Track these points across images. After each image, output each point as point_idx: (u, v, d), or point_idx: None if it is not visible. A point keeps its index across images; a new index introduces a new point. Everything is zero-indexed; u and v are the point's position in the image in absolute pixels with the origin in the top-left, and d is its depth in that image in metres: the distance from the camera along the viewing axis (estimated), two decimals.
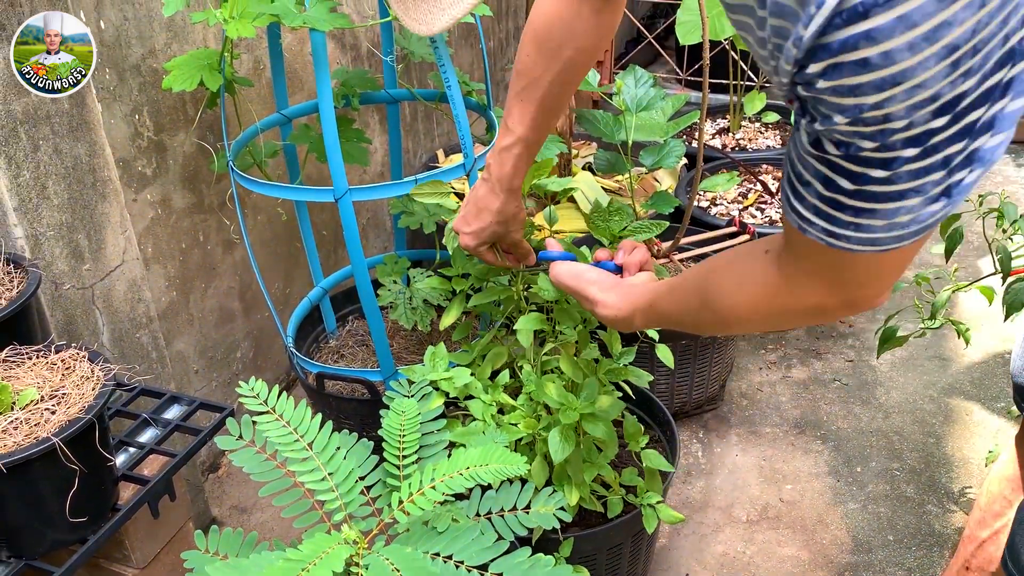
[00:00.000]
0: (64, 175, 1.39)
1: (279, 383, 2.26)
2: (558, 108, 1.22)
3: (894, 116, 0.60)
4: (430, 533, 1.04)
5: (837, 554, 1.78)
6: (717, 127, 3.07)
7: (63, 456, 1.03)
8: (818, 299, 0.82)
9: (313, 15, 1.38)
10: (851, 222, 0.70)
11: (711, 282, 0.93)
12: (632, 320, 1.08)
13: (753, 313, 0.89)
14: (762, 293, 0.86)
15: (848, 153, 0.65)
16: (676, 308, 1.01)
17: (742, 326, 0.94)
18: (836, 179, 0.68)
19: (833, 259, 0.76)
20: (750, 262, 0.89)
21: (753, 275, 0.88)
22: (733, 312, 0.90)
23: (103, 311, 1.51)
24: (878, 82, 0.58)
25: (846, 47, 0.58)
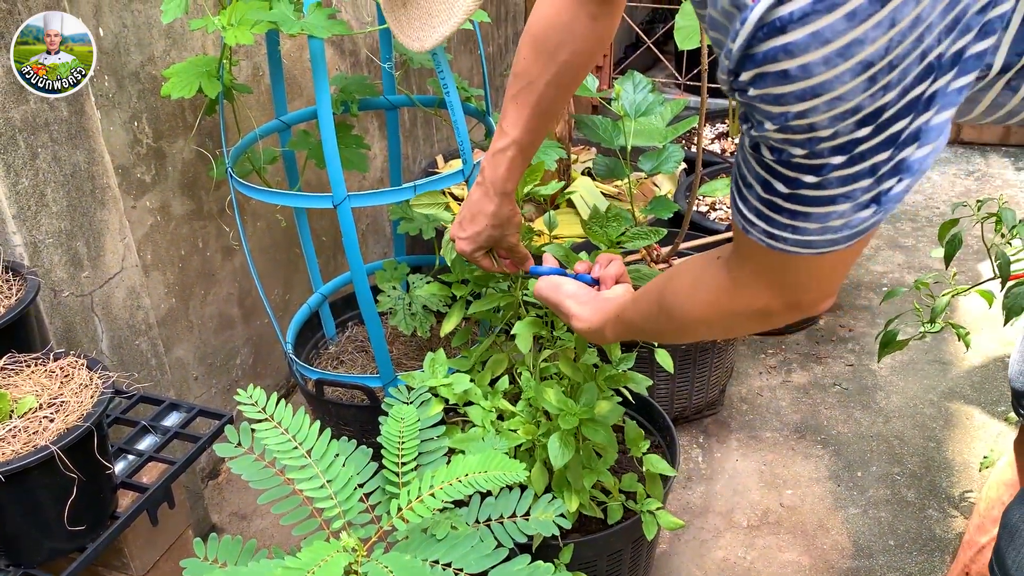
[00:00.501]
0: (63, 182, 1.39)
1: (279, 389, 2.25)
2: (554, 111, 1.23)
3: (818, 125, 0.63)
4: (429, 540, 1.04)
5: (838, 559, 1.77)
6: (716, 132, 3.07)
7: (61, 464, 1.03)
8: (763, 301, 0.85)
9: (311, 22, 1.38)
10: (788, 224, 0.73)
11: (668, 289, 0.96)
12: (603, 332, 1.10)
13: (705, 316, 0.92)
14: (713, 297, 0.90)
15: (781, 158, 0.69)
16: (639, 317, 1.04)
17: (696, 331, 0.98)
18: (773, 182, 0.71)
19: (774, 261, 0.79)
20: (703, 267, 0.93)
21: (705, 279, 0.91)
22: (686, 316, 0.93)
23: (102, 318, 1.51)
24: (799, 93, 0.61)
25: (767, 59, 0.61)
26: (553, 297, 1.17)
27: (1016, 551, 0.97)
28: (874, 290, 2.67)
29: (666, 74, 3.85)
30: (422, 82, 2.62)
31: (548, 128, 1.26)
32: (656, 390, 2.00)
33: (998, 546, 1.00)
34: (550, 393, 1.35)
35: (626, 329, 1.08)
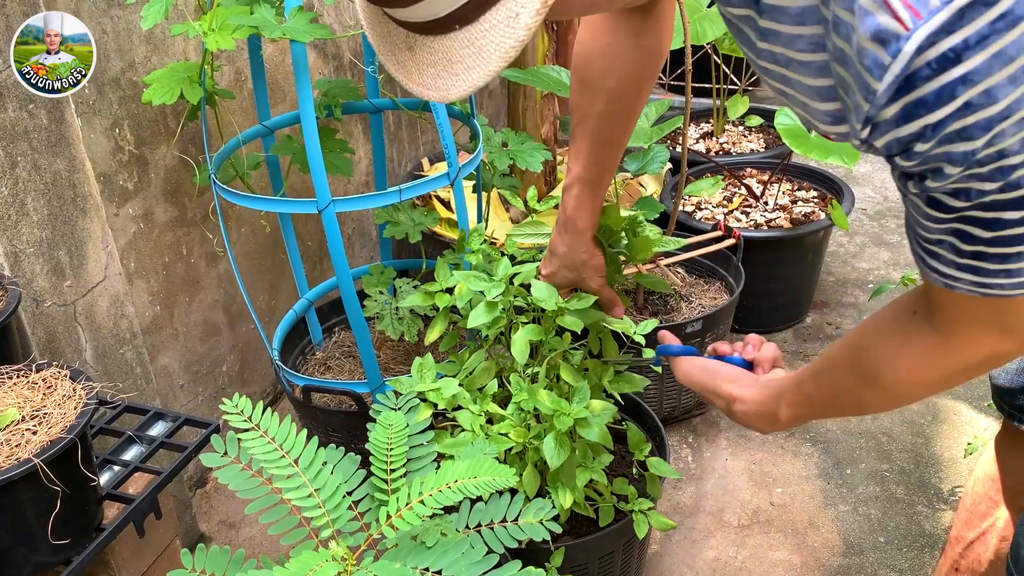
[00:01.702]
0: (43, 191, 1.38)
1: (265, 396, 2.24)
2: (613, 141, 1.16)
3: (1009, 151, 0.58)
4: (419, 548, 1.04)
5: (828, 557, 1.78)
6: (701, 131, 3.08)
7: (45, 477, 1.01)
8: (990, 348, 0.77)
9: (293, 26, 1.37)
10: (999, 269, 0.67)
11: (865, 358, 0.87)
12: (777, 414, 0.98)
13: (922, 380, 0.83)
14: (926, 357, 0.81)
15: (972, 201, 0.63)
16: (828, 392, 0.93)
17: (913, 394, 0.88)
18: (970, 230, 0.65)
19: (992, 307, 0.72)
20: (902, 327, 0.84)
21: (909, 340, 0.82)
22: (899, 383, 0.84)
23: (86, 328, 1.50)
24: (984, 122, 0.56)
25: (942, 97, 0.56)
26: (709, 382, 1.06)
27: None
28: (860, 287, 2.68)
29: None
30: None
31: (612, 159, 1.19)
32: (645, 391, 2.00)
33: (1016, 550, 1.00)
34: (543, 394, 1.34)
35: (809, 407, 0.96)
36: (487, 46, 0.61)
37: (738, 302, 2.09)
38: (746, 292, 2.11)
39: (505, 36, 0.60)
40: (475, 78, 0.63)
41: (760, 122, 2.78)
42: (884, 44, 0.55)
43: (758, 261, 2.23)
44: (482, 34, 0.61)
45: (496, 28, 0.60)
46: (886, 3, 0.54)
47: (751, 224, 2.45)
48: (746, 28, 0.70)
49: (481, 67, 0.62)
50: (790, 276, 2.42)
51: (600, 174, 1.17)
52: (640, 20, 1.06)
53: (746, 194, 2.57)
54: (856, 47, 0.57)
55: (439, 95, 0.66)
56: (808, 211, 2.47)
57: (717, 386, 1.05)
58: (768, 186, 2.58)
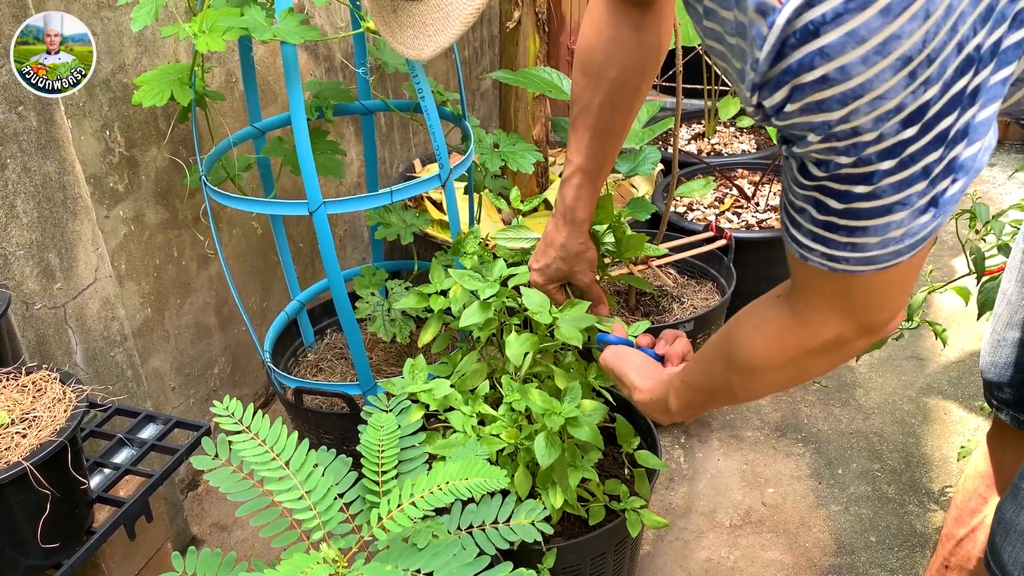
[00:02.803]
0: (33, 193, 1.37)
1: (257, 398, 2.24)
2: (614, 133, 1.18)
3: (862, 129, 0.61)
4: (410, 550, 1.04)
5: (820, 557, 1.78)
6: (692, 132, 3.09)
7: (35, 480, 1.01)
8: (833, 331, 0.81)
9: (283, 28, 1.37)
10: (846, 242, 0.71)
11: (731, 339, 0.92)
12: (667, 402, 1.04)
13: (773, 360, 0.87)
14: (778, 336, 0.85)
15: (830, 172, 0.66)
16: (703, 377, 0.98)
17: (767, 379, 0.91)
18: (825, 200, 0.69)
19: (838, 285, 0.76)
20: (764, 309, 0.89)
21: (768, 320, 0.87)
22: (754, 364, 0.88)
23: (76, 330, 1.49)
24: (840, 96, 0.60)
25: (803, 66, 0.59)
26: (618, 368, 1.14)
27: (1012, 546, 0.98)
28: None
29: None
30: (397, 86, 2.61)
31: (612, 150, 1.21)
32: None
33: (993, 542, 1.01)
34: (535, 394, 1.34)
35: (691, 393, 1.01)
36: (452, 12, 0.72)
37: (730, 303, 2.10)
38: (738, 293, 2.11)
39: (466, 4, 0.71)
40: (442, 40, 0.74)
41: (751, 123, 2.78)
42: (764, 16, 0.59)
43: (749, 262, 2.24)
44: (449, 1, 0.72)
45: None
46: None
47: (742, 225, 2.45)
48: (696, 4, 0.75)
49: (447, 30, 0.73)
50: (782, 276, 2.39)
51: (600, 165, 1.20)
52: (640, 16, 1.09)
53: (737, 195, 2.58)
54: (748, 20, 0.62)
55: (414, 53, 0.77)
56: None
57: (624, 374, 1.12)
58: (759, 187, 2.58)
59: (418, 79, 1.53)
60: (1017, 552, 0.97)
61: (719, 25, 0.70)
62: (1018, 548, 0.97)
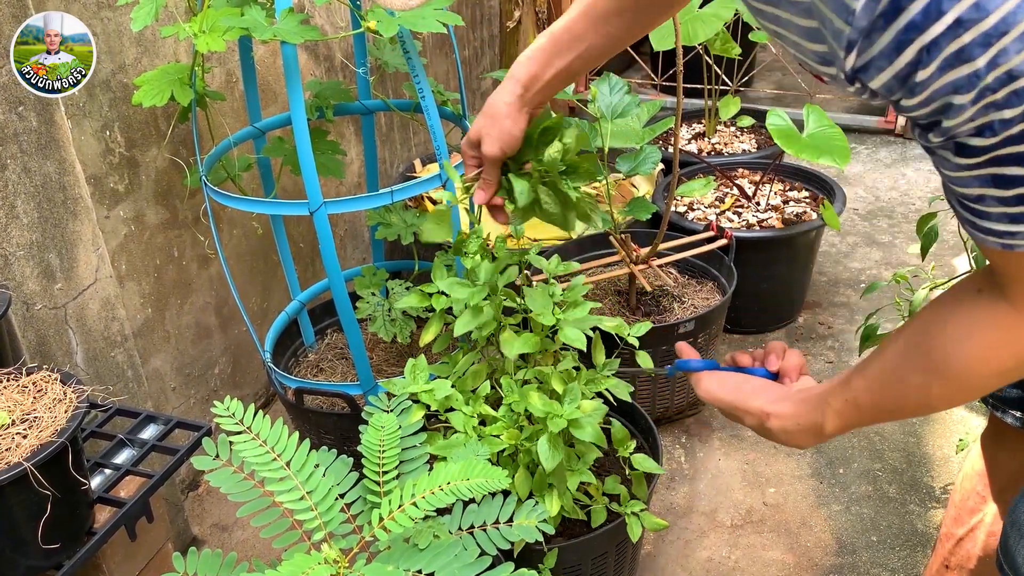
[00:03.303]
0: (33, 193, 1.37)
1: (258, 398, 2.24)
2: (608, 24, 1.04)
3: (1018, 72, 0.54)
4: (412, 550, 1.03)
5: (821, 556, 1.78)
6: (693, 132, 3.08)
7: (35, 481, 1.01)
8: None
9: (283, 28, 1.37)
10: None
11: (929, 349, 0.79)
12: (822, 426, 0.89)
13: (999, 364, 0.75)
14: (1003, 338, 0.74)
15: (998, 136, 0.58)
16: (888, 393, 0.84)
17: (988, 383, 0.79)
18: (1008, 171, 0.60)
19: None
20: (968, 309, 0.76)
21: (979, 322, 0.75)
22: (972, 371, 0.76)
23: (76, 330, 1.49)
24: (981, 39, 0.53)
25: (930, 15, 0.53)
26: (733, 398, 0.96)
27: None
28: (852, 287, 2.69)
29: (642, 75, 3.86)
30: (397, 86, 2.60)
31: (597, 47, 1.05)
32: (638, 391, 2.00)
33: (1006, 543, 0.99)
34: (535, 396, 1.34)
35: (862, 414, 0.87)
36: None
37: (730, 302, 2.09)
38: (738, 292, 2.11)
39: None
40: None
41: (752, 122, 2.78)
42: None
43: (750, 261, 2.24)
44: None
45: None
46: None
47: (743, 224, 2.45)
48: None
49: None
50: (782, 276, 2.42)
51: (569, 43, 1.05)
52: None
53: (738, 194, 2.58)
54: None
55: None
56: (800, 211, 2.47)
57: (745, 403, 0.95)
58: (760, 186, 2.58)
59: (418, 79, 1.53)
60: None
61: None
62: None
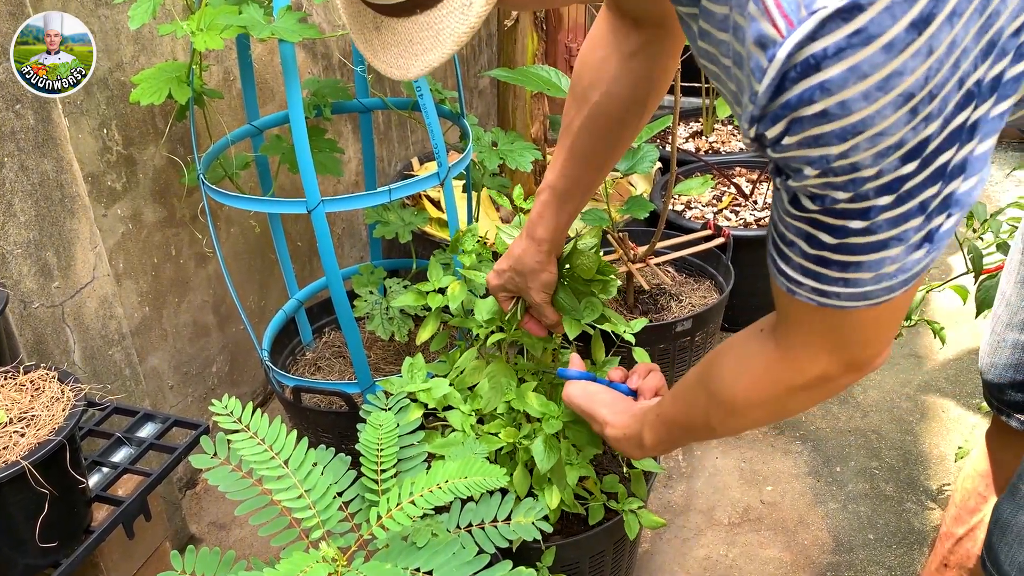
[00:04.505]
0: (31, 192, 1.37)
1: (256, 397, 2.23)
2: (590, 159, 1.14)
3: (861, 164, 0.61)
4: (410, 548, 1.03)
5: (818, 555, 1.78)
6: (690, 131, 3.09)
7: (33, 480, 1.01)
8: (820, 367, 0.79)
9: (281, 26, 1.36)
10: (839, 277, 0.69)
11: (712, 373, 0.89)
12: (641, 437, 1.02)
13: (757, 397, 0.85)
14: (763, 371, 0.83)
15: (825, 207, 0.65)
16: (681, 412, 0.96)
17: (749, 415, 0.89)
18: (817, 235, 0.68)
19: (828, 320, 0.74)
20: (747, 342, 0.86)
21: (751, 355, 0.85)
22: (736, 400, 0.86)
23: (74, 329, 1.49)
24: (839, 132, 0.59)
25: (803, 101, 0.58)
26: (586, 404, 1.11)
27: (1008, 546, 0.97)
28: None
29: None
30: (395, 84, 2.60)
31: (590, 178, 1.16)
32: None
33: (990, 542, 1.00)
34: (532, 397, 1.34)
35: (667, 429, 0.99)
36: (444, 30, 0.65)
37: (728, 301, 2.10)
38: (736, 291, 2.11)
39: (459, 22, 0.64)
40: (432, 59, 0.68)
41: None
42: (764, 49, 0.58)
43: (747, 260, 2.24)
44: (440, 19, 0.65)
45: (452, 14, 0.64)
46: (767, 11, 0.57)
47: (740, 223, 2.45)
48: (692, 24, 0.73)
49: (437, 49, 0.67)
50: None
51: (569, 188, 1.15)
52: (637, 43, 1.05)
53: (735, 193, 2.58)
54: (746, 51, 0.60)
55: (400, 73, 0.71)
56: None
57: (593, 410, 1.10)
58: (757, 185, 2.58)
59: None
60: (1014, 552, 0.97)
61: (715, 47, 0.69)
62: (1015, 548, 0.96)
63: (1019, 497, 0.96)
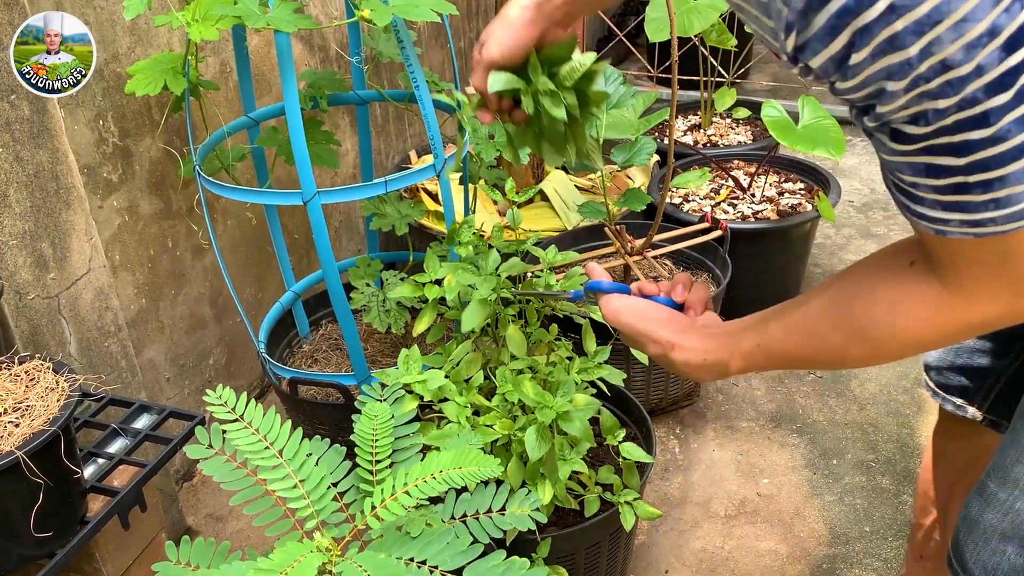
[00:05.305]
0: (26, 183, 1.37)
1: (252, 389, 2.23)
2: None
3: (953, 61, 0.53)
4: (404, 538, 1.03)
5: (815, 547, 1.79)
6: (688, 124, 3.08)
7: (27, 470, 1.01)
8: (1002, 303, 0.69)
9: (276, 16, 1.36)
10: (986, 200, 0.60)
11: (855, 311, 0.79)
12: (727, 366, 0.90)
13: (924, 336, 0.76)
14: (932, 312, 0.73)
15: (932, 125, 0.58)
16: (808, 345, 0.84)
17: (908, 352, 0.79)
18: (941, 161, 0.60)
19: (995, 251, 0.65)
20: (899, 280, 0.76)
21: (911, 296, 0.74)
22: (895, 340, 0.76)
23: (70, 320, 1.49)
24: (914, 27, 0.52)
25: (863, 2, 0.52)
26: (639, 324, 0.94)
27: (975, 544, 0.95)
28: None
29: (638, 67, 3.86)
30: (393, 76, 2.60)
31: None
32: (632, 382, 2.00)
33: (956, 539, 0.98)
34: (528, 386, 1.34)
35: (772, 361, 0.88)
36: None
37: (725, 294, 2.10)
38: (733, 284, 2.11)
39: None
40: None
41: (747, 114, 2.78)
42: None
43: (745, 253, 2.24)
44: None
45: None
46: None
47: (738, 216, 2.45)
48: None
49: None
50: (777, 268, 2.42)
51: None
52: None
53: (733, 186, 2.58)
54: None
55: None
56: (795, 203, 2.47)
57: (652, 331, 0.93)
58: (755, 178, 2.58)
59: (413, 69, 1.52)
60: (979, 550, 0.94)
61: None
62: (981, 546, 0.94)
63: (987, 495, 0.94)
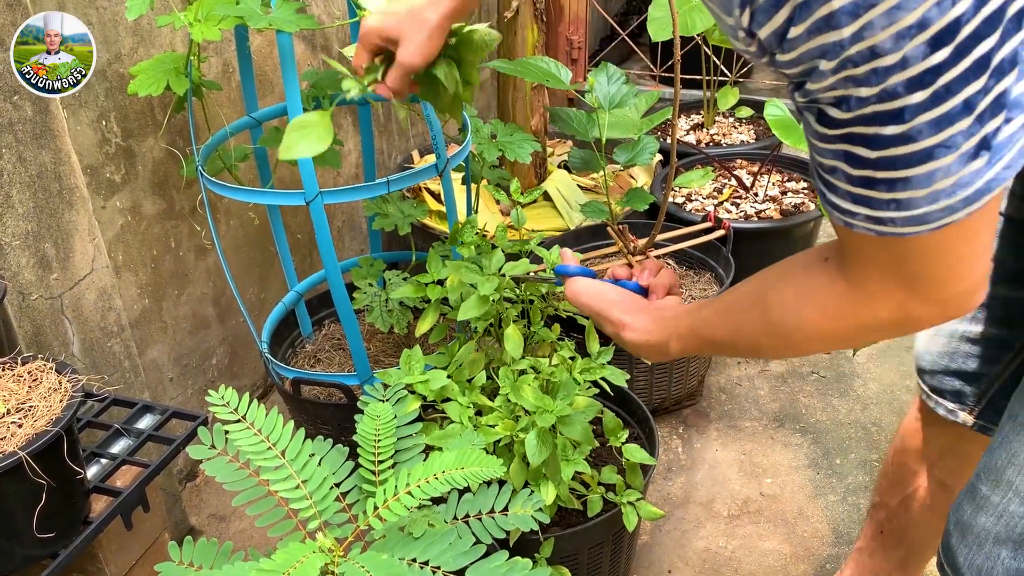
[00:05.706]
0: (29, 183, 1.37)
1: (255, 389, 2.24)
2: None
3: (881, 49, 0.54)
4: (406, 539, 1.03)
5: (818, 546, 1.78)
6: (691, 123, 3.08)
7: (30, 470, 1.01)
8: (894, 305, 0.71)
9: (279, 16, 1.36)
10: (889, 199, 0.62)
11: (770, 300, 0.82)
12: (667, 346, 0.95)
13: (825, 331, 0.78)
14: (832, 305, 0.76)
15: (852, 111, 0.59)
16: (727, 330, 0.88)
17: (813, 346, 0.83)
18: (855, 151, 0.61)
19: (892, 251, 0.67)
20: (810, 274, 0.79)
21: (818, 288, 0.77)
22: (801, 333, 0.79)
23: (73, 320, 1.49)
24: (850, 7, 0.53)
25: None
26: (595, 304, 1.01)
27: (968, 548, 0.94)
28: None
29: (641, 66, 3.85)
30: None
31: None
32: (635, 381, 2.00)
33: (948, 543, 0.97)
34: (527, 391, 1.34)
35: (702, 344, 0.93)
36: None
37: None
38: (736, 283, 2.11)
39: None
40: None
41: (750, 113, 2.78)
42: None
43: (748, 252, 2.24)
44: None
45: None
46: None
47: (741, 215, 2.45)
48: None
49: None
50: None
51: None
52: None
53: (736, 185, 2.57)
54: None
55: None
56: (798, 202, 2.47)
57: (606, 311, 1.00)
58: (758, 177, 2.58)
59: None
60: (973, 555, 0.93)
61: None
62: (975, 551, 0.93)
63: (980, 498, 0.93)
